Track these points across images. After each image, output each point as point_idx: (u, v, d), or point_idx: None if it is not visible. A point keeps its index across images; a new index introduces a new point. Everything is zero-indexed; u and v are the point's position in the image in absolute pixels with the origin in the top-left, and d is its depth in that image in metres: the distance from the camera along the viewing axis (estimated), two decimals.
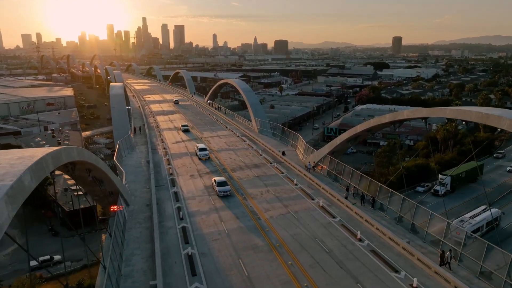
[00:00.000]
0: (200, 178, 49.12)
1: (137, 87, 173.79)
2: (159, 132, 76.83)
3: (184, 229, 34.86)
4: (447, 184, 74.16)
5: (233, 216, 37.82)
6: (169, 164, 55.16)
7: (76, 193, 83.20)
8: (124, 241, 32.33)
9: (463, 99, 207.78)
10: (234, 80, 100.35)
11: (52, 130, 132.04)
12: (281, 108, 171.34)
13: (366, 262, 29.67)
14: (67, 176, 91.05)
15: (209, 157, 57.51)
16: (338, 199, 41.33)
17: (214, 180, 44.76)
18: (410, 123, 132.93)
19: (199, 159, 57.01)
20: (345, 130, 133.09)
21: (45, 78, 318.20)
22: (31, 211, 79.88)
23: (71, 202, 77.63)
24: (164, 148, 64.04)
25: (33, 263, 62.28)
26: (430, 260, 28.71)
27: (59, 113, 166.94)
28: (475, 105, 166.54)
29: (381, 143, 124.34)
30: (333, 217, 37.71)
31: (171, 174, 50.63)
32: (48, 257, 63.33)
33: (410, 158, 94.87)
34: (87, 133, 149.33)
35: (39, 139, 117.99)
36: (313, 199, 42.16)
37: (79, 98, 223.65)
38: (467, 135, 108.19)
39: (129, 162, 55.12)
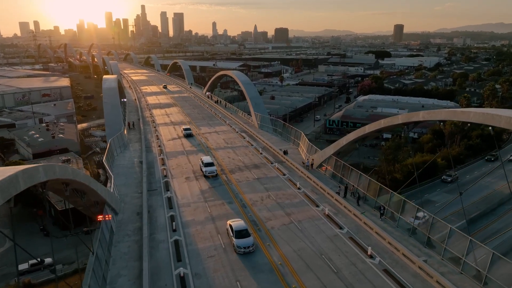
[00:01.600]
0: (196, 181, 45.85)
1: (134, 78, 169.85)
2: (155, 127, 73.38)
3: (177, 243, 31.68)
4: None
5: None
6: (163, 164, 51.87)
7: None
8: (110, 259, 29.19)
9: (467, 89, 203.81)
10: (233, 72, 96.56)
11: (47, 122, 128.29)
12: (281, 99, 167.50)
13: (379, 285, 26.54)
14: None
15: (216, 174, 47.32)
16: (345, 206, 38.12)
17: (230, 225, 32.30)
18: None
19: (205, 176, 46.99)
20: (347, 122, 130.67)
21: (42, 67, 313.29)
22: (21, 209, 76.95)
23: (63, 201, 74.74)
24: (159, 146, 60.68)
25: (22, 266, 59.67)
26: (450, 283, 25.59)
27: (54, 104, 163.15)
28: (480, 95, 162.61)
29: (384, 135, 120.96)
30: (340, 228, 34.50)
31: (165, 176, 47.38)
32: (38, 260, 60.30)
33: (413, 152, 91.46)
34: (84, 125, 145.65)
35: (33, 132, 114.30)
36: (317, 206, 38.94)
37: (76, 89, 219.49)
38: (474, 128, 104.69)
39: (121, 163, 51.80)
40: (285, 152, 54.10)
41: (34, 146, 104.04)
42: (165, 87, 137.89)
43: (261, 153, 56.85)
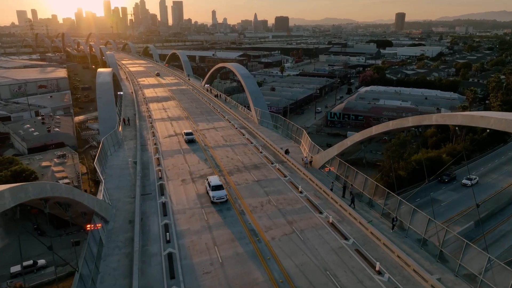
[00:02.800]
0: (192, 184, 43.56)
1: (132, 69, 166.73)
2: (151, 123, 70.88)
3: (170, 257, 29.51)
4: None
5: (228, 237, 32.38)
6: (159, 164, 49.54)
7: None
8: (98, 276, 27.03)
9: (470, 79, 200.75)
10: (232, 64, 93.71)
11: (43, 115, 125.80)
12: (282, 91, 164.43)
13: None
14: (56, 168, 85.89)
15: (226, 200, 39.28)
16: (349, 213, 35.88)
17: None
18: (417, 108, 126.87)
19: (212, 202, 38.67)
20: (349, 115, 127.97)
21: (39, 57, 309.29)
22: (15, 207, 74.86)
23: None
24: (155, 143, 58.27)
25: (14, 269, 57.73)
26: None
27: (51, 96, 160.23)
28: (484, 86, 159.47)
29: None
30: (346, 238, 32.29)
31: (160, 178, 45.09)
32: (31, 262, 58.46)
33: (420, 148, 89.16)
34: (81, 117, 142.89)
35: (28, 126, 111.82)
36: (321, 213, 36.69)
37: (73, 79, 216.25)
38: None
39: (115, 163, 49.46)
40: (287, 152, 51.72)
41: (29, 141, 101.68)
42: (158, 74, 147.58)
43: (261, 152, 54.49)
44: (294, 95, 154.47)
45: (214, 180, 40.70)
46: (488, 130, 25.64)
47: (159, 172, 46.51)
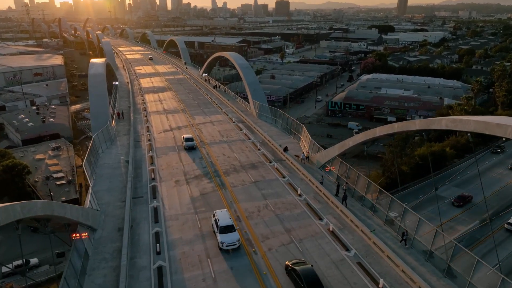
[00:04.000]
0: (186, 186, 41.53)
1: (129, 56, 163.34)
2: (146, 116, 68.49)
3: (160, 271, 27.68)
4: None
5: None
6: (152, 163, 47.47)
7: (58, 182, 76.61)
8: None
9: (474, 66, 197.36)
10: (230, 53, 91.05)
11: (37, 105, 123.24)
12: (282, 79, 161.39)
13: None
14: (50, 161, 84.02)
15: (239, 246, 30.15)
16: (351, 220, 33.94)
17: None
18: (420, 97, 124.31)
19: (220, 248, 30.03)
20: (350, 104, 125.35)
21: (35, 43, 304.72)
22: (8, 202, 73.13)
23: (51, 194, 71.00)
24: (149, 139, 56.07)
25: (5, 269, 56.18)
26: None
27: (46, 84, 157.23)
28: (488, 73, 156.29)
29: (389, 119, 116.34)
30: (347, 249, 30.42)
31: (153, 178, 43.06)
32: (23, 261, 56.89)
33: (425, 141, 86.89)
34: (77, 106, 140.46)
35: (22, 116, 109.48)
36: (321, 219, 34.75)
37: (70, 66, 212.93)
38: (484, 112, 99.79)
39: (106, 162, 47.37)
40: (286, 149, 49.57)
41: (23, 132, 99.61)
42: (151, 59, 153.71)
43: (259, 149, 52.33)
44: (294, 84, 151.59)
45: (223, 218, 31.48)
46: (504, 139, 23.17)
47: (152, 172, 44.47)
